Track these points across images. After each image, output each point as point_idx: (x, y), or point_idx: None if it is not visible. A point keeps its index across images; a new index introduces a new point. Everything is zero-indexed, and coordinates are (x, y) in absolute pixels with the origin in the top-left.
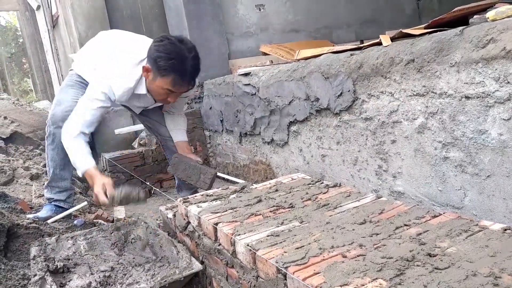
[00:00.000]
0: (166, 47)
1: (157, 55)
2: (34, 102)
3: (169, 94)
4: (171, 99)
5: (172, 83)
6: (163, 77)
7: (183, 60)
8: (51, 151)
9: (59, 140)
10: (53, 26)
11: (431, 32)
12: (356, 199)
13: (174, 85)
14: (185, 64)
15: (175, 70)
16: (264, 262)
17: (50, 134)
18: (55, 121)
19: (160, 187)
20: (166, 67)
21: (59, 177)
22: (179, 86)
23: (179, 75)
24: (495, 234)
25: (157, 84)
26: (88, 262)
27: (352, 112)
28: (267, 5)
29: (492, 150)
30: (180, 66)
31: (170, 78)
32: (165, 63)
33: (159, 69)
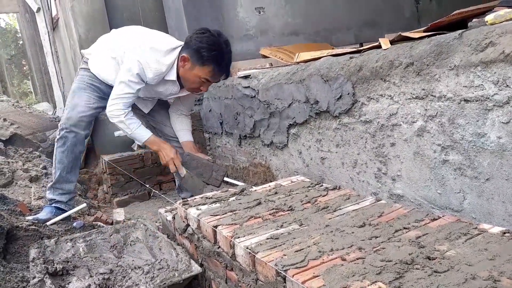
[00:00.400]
0: (209, 39)
1: (200, 45)
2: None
3: (203, 84)
4: (203, 88)
5: (211, 73)
6: (203, 67)
7: (222, 52)
8: (61, 154)
9: (70, 143)
10: (53, 28)
11: (430, 36)
12: (355, 202)
13: (212, 75)
14: (223, 56)
15: (216, 61)
16: (263, 265)
17: (62, 137)
18: (69, 125)
19: (160, 189)
20: (208, 57)
21: (65, 180)
22: (216, 76)
23: (218, 66)
24: (494, 237)
25: (195, 73)
26: (87, 265)
27: (351, 115)
28: (266, 8)
29: (491, 153)
30: (220, 58)
31: (210, 68)
32: (208, 53)
33: (201, 59)
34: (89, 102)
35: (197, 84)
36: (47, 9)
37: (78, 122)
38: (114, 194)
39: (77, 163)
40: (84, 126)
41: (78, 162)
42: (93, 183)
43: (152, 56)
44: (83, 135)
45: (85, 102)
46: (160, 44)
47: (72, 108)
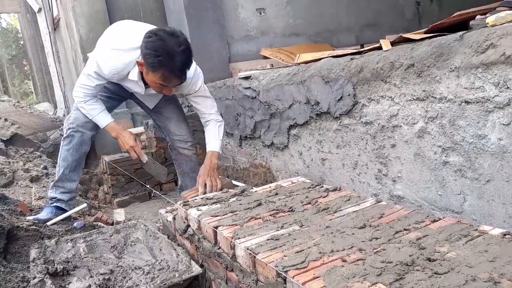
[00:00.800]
0: (154, 44)
1: (145, 52)
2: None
3: (163, 87)
4: (166, 91)
5: (162, 78)
6: (153, 73)
7: (171, 56)
8: (65, 151)
9: (76, 142)
10: (54, 28)
11: (431, 37)
12: (356, 203)
13: (164, 80)
14: (174, 59)
15: (164, 66)
16: (264, 266)
17: (68, 135)
18: (77, 125)
19: (160, 189)
20: (154, 63)
21: (68, 178)
22: (170, 80)
23: (168, 71)
24: (494, 239)
25: (150, 78)
26: (87, 265)
27: (352, 116)
28: (267, 9)
29: (491, 155)
30: (168, 62)
31: (159, 73)
32: (153, 60)
33: (149, 65)
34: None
35: (157, 88)
36: (48, 9)
37: (85, 123)
38: (114, 195)
39: (81, 163)
40: (90, 127)
41: (82, 162)
42: (93, 183)
43: (109, 54)
44: (90, 135)
45: None
46: (122, 43)
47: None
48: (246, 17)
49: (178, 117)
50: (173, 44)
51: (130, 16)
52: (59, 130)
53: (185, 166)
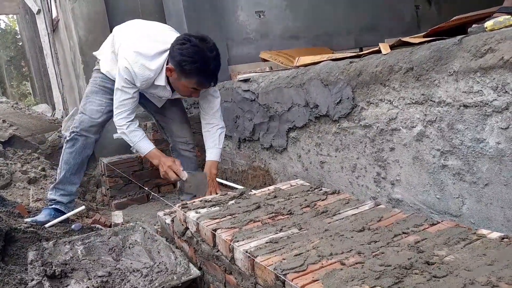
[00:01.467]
0: (189, 51)
1: (181, 58)
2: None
3: (194, 91)
4: (195, 95)
5: (198, 83)
6: (188, 79)
7: (206, 61)
8: (68, 154)
9: (80, 146)
10: (53, 30)
11: (430, 41)
12: (354, 206)
13: (198, 85)
14: (208, 65)
15: (199, 72)
16: (262, 269)
17: (72, 139)
18: (81, 129)
19: (158, 192)
20: (191, 70)
21: (69, 181)
22: (203, 85)
23: (203, 76)
24: (492, 242)
25: (183, 84)
26: (85, 267)
27: (351, 119)
28: (267, 11)
29: (490, 158)
30: (204, 68)
31: (195, 79)
32: (190, 66)
33: (184, 72)
34: (101, 106)
35: (187, 92)
36: (47, 11)
37: (90, 127)
38: (112, 197)
39: (82, 166)
40: (94, 131)
41: (83, 166)
42: (91, 185)
43: (136, 62)
44: (93, 139)
45: (98, 107)
46: (147, 49)
47: (85, 113)
48: (245, 20)
49: (181, 119)
50: (206, 50)
51: (130, 18)
52: (57, 132)
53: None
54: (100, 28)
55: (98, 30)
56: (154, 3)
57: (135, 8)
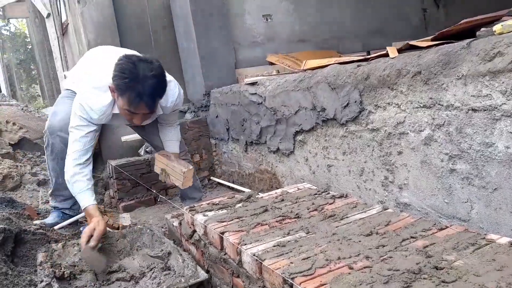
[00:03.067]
0: (122, 66)
1: (113, 74)
2: (41, 108)
3: (132, 115)
4: (136, 120)
5: (128, 103)
6: (121, 96)
7: (138, 80)
8: (51, 161)
9: (58, 150)
10: (63, 33)
11: (438, 44)
12: (362, 210)
13: (130, 105)
14: (140, 84)
15: (129, 89)
16: (270, 273)
17: (48, 144)
18: (52, 131)
19: (166, 194)
20: (120, 85)
21: (62, 186)
22: (136, 106)
23: (134, 95)
24: (502, 247)
25: (119, 104)
26: (93, 269)
27: (358, 123)
28: (274, 15)
29: (499, 163)
30: (134, 85)
31: (126, 97)
32: (119, 81)
33: (116, 88)
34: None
35: (127, 116)
36: (57, 14)
37: (61, 127)
38: (120, 199)
39: None
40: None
41: None
42: (99, 187)
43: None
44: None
45: (67, 107)
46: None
47: (54, 115)
48: (252, 24)
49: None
50: (144, 68)
51: (138, 22)
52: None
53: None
54: (109, 32)
55: (107, 34)
56: (162, 7)
57: (143, 12)
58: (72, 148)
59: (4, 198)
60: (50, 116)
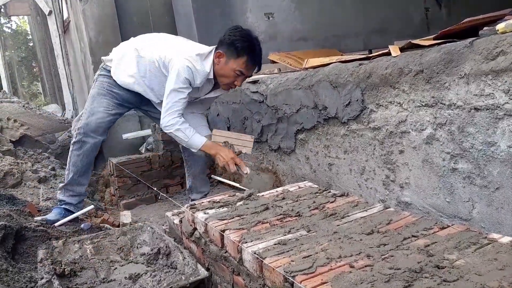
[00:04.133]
0: (242, 33)
1: (234, 38)
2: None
3: (238, 77)
4: (238, 82)
5: (245, 64)
6: (237, 58)
7: (255, 44)
8: (76, 157)
9: (87, 149)
10: (64, 31)
11: (441, 43)
12: (363, 209)
13: (246, 66)
14: (256, 48)
15: (250, 51)
16: (271, 271)
17: (79, 141)
18: (88, 131)
19: (166, 192)
20: (243, 48)
21: (77, 182)
22: (250, 68)
23: (252, 57)
24: (504, 247)
25: (230, 66)
26: (94, 266)
27: (360, 122)
28: (276, 13)
29: (501, 162)
30: (253, 49)
31: (244, 59)
32: (241, 44)
33: (235, 50)
34: (108, 108)
35: (231, 78)
36: (59, 12)
37: (97, 128)
38: (121, 197)
39: (90, 167)
40: (101, 132)
41: (91, 166)
42: (100, 185)
43: (197, 60)
44: (101, 141)
45: (104, 108)
46: (201, 48)
47: (91, 114)
48: (254, 22)
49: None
50: (254, 37)
51: (139, 19)
52: (67, 132)
53: (196, 167)
54: (111, 30)
55: (108, 31)
56: (163, 5)
57: (145, 10)
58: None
59: (5, 195)
60: (87, 114)
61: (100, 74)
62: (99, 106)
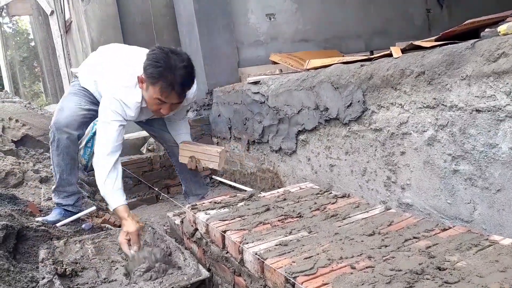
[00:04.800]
0: (155, 55)
1: (146, 63)
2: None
3: (161, 105)
4: (163, 110)
5: (160, 91)
6: (152, 85)
7: (171, 69)
8: (56, 157)
9: (63, 145)
10: (66, 31)
11: (442, 45)
12: (364, 210)
13: (162, 94)
14: (173, 73)
15: (163, 77)
16: (272, 272)
17: (54, 140)
18: (59, 127)
19: (167, 192)
20: (154, 74)
21: (66, 182)
22: (168, 95)
23: (166, 83)
24: (505, 249)
25: (149, 94)
26: (95, 266)
27: (361, 123)
28: (277, 14)
29: (502, 164)
30: (167, 74)
31: (158, 86)
32: (153, 70)
33: (148, 77)
34: (79, 103)
35: (155, 105)
36: (61, 12)
37: (69, 123)
38: None
39: (74, 163)
40: (76, 127)
41: (75, 162)
42: None
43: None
44: (76, 136)
45: (75, 104)
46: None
47: (61, 110)
48: (255, 23)
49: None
50: (175, 59)
51: (141, 20)
52: None
53: (186, 172)
54: (112, 30)
55: (110, 32)
56: (165, 5)
57: (147, 11)
58: (104, 142)
59: (7, 195)
60: (57, 111)
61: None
62: (68, 103)
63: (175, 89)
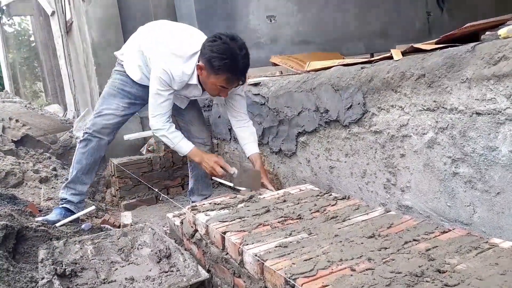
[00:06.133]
0: (219, 47)
1: (210, 55)
2: (44, 106)
3: (222, 90)
4: (223, 94)
5: (226, 81)
6: (217, 75)
7: (235, 59)
8: (81, 154)
9: (92, 148)
10: (67, 32)
11: (443, 48)
12: (364, 212)
13: (227, 83)
14: (237, 62)
15: (228, 69)
16: (272, 273)
17: (85, 139)
18: (95, 130)
19: (167, 193)
20: (220, 66)
21: (80, 181)
22: (232, 83)
23: (231, 73)
24: (505, 252)
25: (211, 81)
26: (95, 267)
27: (361, 125)
28: (278, 16)
29: (502, 167)
30: (232, 65)
31: (224, 76)
32: (219, 63)
33: (213, 68)
34: (117, 110)
35: (215, 91)
36: (61, 12)
37: (103, 129)
38: (121, 197)
39: (94, 167)
40: (108, 133)
41: (95, 167)
42: (101, 185)
43: (174, 64)
44: (106, 141)
45: (113, 110)
46: (182, 51)
47: (99, 114)
48: (256, 24)
49: (199, 121)
50: (236, 48)
51: (142, 21)
52: (69, 132)
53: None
54: (113, 31)
55: (111, 32)
56: (166, 6)
57: (148, 11)
58: (158, 111)
59: (6, 194)
60: (96, 113)
61: (115, 69)
62: (107, 108)
63: (239, 76)
